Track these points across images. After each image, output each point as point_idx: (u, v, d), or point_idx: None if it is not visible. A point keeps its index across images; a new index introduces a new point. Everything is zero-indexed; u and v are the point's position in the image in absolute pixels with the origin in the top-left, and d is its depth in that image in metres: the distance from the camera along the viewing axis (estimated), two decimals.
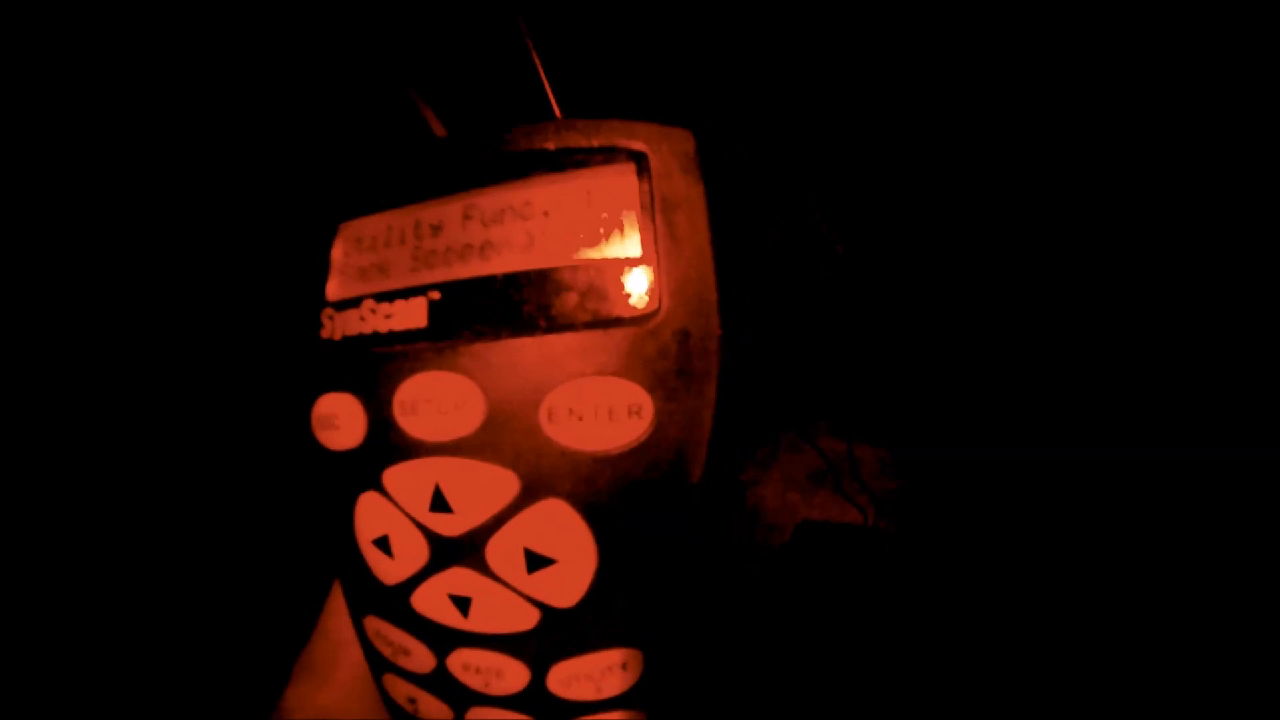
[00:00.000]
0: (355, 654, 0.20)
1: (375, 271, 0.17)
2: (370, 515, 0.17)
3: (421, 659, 0.18)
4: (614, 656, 0.16)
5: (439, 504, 0.16)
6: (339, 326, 0.17)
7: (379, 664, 0.19)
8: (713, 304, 0.15)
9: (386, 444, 0.16)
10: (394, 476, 0.16)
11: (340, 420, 0.17)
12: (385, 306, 0.16)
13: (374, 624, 0.19)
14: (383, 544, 0.17)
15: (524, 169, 0.16)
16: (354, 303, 0.17)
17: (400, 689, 0.19)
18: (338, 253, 0.18)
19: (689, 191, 0.15)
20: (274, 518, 0.41)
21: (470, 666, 0.17)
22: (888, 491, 0.55)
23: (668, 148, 0.15)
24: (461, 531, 0.16)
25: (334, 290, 0.18)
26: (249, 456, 0.42)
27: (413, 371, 0.15)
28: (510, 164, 0.16)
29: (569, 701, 0.17)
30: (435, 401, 0.15)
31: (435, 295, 0.16)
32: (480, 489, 0.15)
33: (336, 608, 0.22)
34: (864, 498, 0.56)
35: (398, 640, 0.18)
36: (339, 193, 0.18)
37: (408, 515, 0.16)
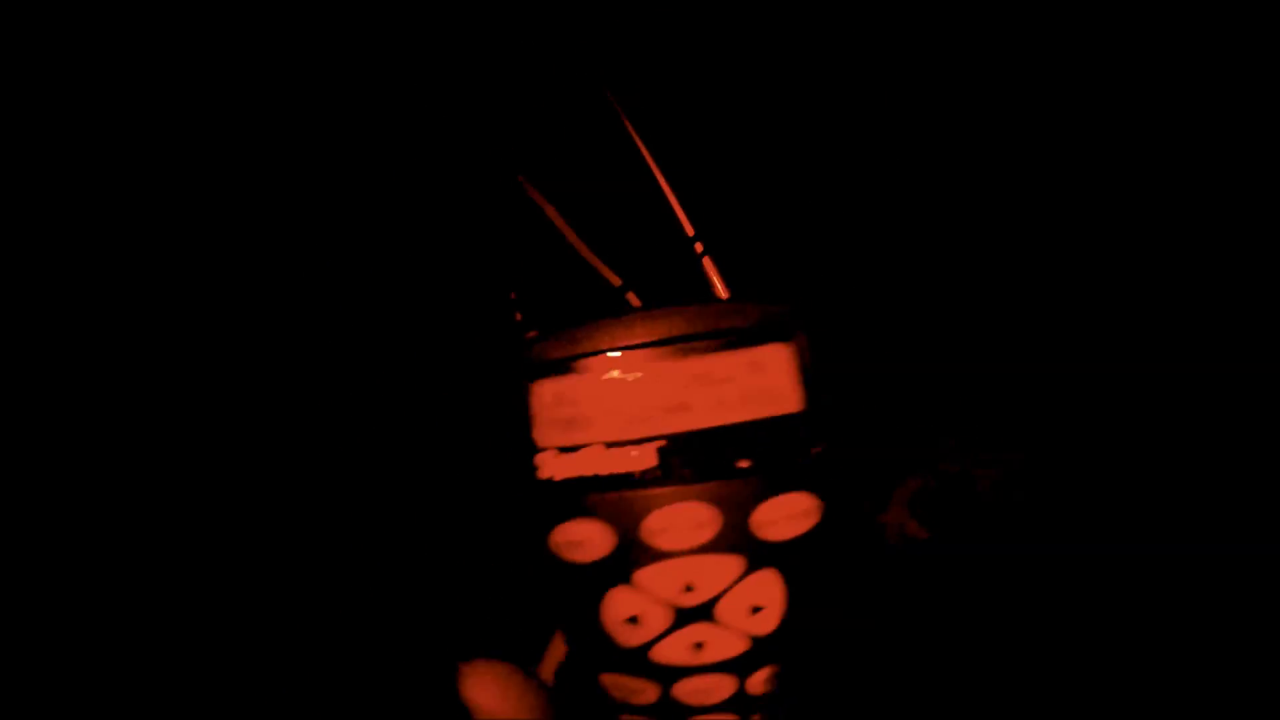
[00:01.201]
0: None
1: (603, 419, 0.24)
2: (621, 602, 0.24)
3: (651, 693, 0.26)
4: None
5: (686, 588, 0.23)
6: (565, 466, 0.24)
7: (612, 708, 0.27)
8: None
9: (638, 554, 0.23)
10: (645, 575, 0.23)
11: (588, 545, 0.24)
12: (618, 451, 0.23)
13: (611, 678, 0.26)
14: (633, 620, 0.24)
15: (712, 343, 0.23)
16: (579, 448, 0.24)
17: None
18: (542, 405, 0.24)
19: (808, 358, 0.24)
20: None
21: (694, 689, 0.25)
22: None
23: (798, 326, 0.24)
24: (701, 601, 0.24)
25: (547, 437, 0.24)
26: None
27: (661, 503, 0.23)
28: (702, 337, 0.23)
29: (759, 697, 0.26)
30: (680, 524, 0.23)
31: (663, 443, 0.23)
32: (718, 574, 0.23)
33: None
34: None
35: (633, 685, 0.26)
36: (527, 352, 0.24)
37: (658, 599, 0.24)
